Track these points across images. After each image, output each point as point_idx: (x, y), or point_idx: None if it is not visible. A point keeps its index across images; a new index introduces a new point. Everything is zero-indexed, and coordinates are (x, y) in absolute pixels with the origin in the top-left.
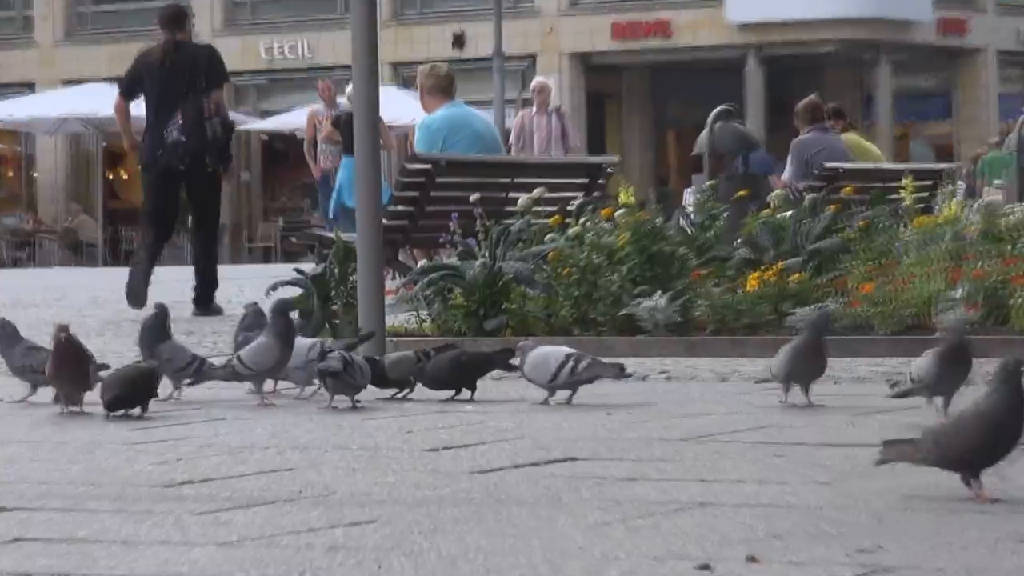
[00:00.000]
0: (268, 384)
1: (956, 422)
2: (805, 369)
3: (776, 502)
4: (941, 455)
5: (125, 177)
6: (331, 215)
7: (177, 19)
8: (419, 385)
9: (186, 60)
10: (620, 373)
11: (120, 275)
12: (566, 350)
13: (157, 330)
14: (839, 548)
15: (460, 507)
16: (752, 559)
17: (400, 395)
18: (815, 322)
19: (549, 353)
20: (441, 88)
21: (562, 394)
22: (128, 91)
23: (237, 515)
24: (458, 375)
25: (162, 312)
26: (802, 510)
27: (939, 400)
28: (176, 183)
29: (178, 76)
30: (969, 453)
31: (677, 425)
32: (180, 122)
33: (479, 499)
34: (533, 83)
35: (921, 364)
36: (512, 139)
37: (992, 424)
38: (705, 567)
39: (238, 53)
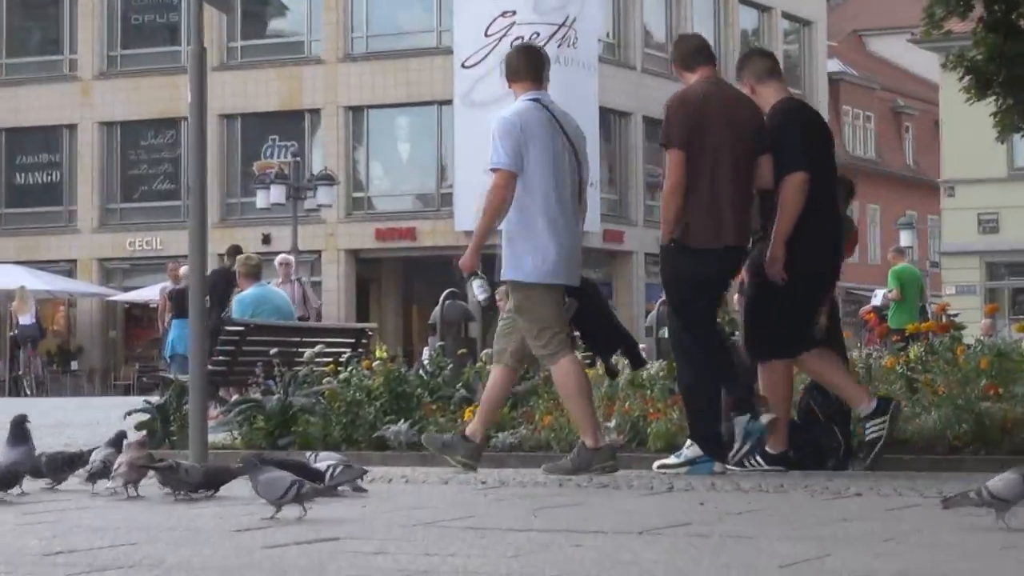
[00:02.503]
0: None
1: None
2: None
3: (478, 569)
4: None
5: None
6: (167, 359)
7: None
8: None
9: None
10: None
11: None
12: (291, 477)
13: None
14: None
15: (254, 571)
16: None
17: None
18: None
19: (278, 477)
20: (252, 273)
21: (289, 510)
22: None
23: None
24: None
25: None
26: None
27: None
28: None
29: None
30: None
31: (411, 515)
32: None
33: (268, 567)
34: (278, 259)
35: (1000, 483)
36: None
37: None
38: None
39: (110, 245)
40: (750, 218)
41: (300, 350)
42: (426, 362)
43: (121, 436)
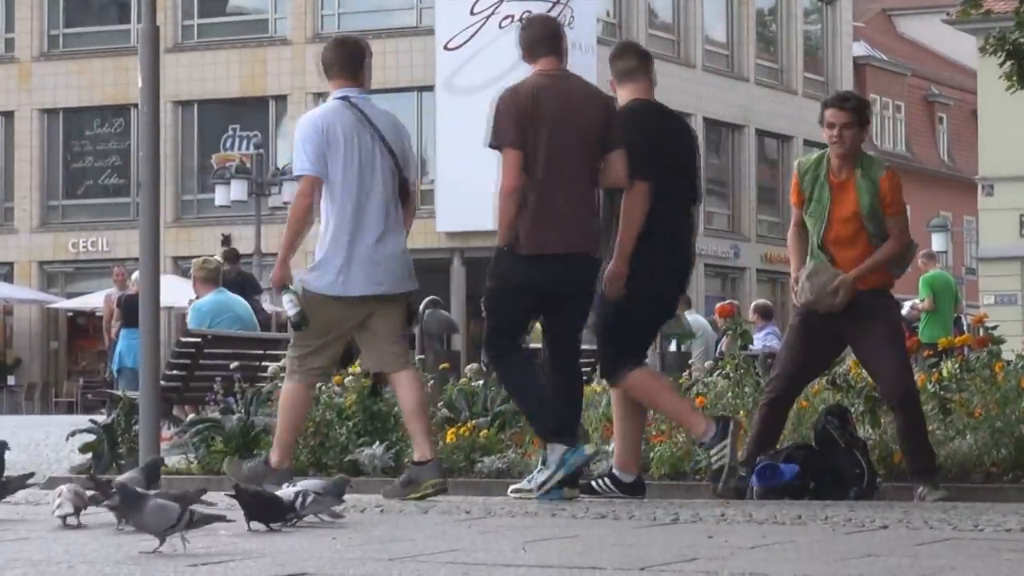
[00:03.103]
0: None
1: None
2: None
3: None
4: None
5: None
6: (115, 373)
7: None
8: None
9: None
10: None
11: None
12: (176, 506)
13: None
14: None
15: None
16: None
17: None
18: None
19: (165, 505)
20: (210, 278)
21: (174, 541)
22: None
23: None
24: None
25: None
26: None
27: None
28: None
29: None
30: None
31: (386, 548)
32: None
33: None
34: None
35: None
36: None
37: None
38: None
39: (51, 246)
40: (593, 223)
41: (263, 364)
42: None
43: None
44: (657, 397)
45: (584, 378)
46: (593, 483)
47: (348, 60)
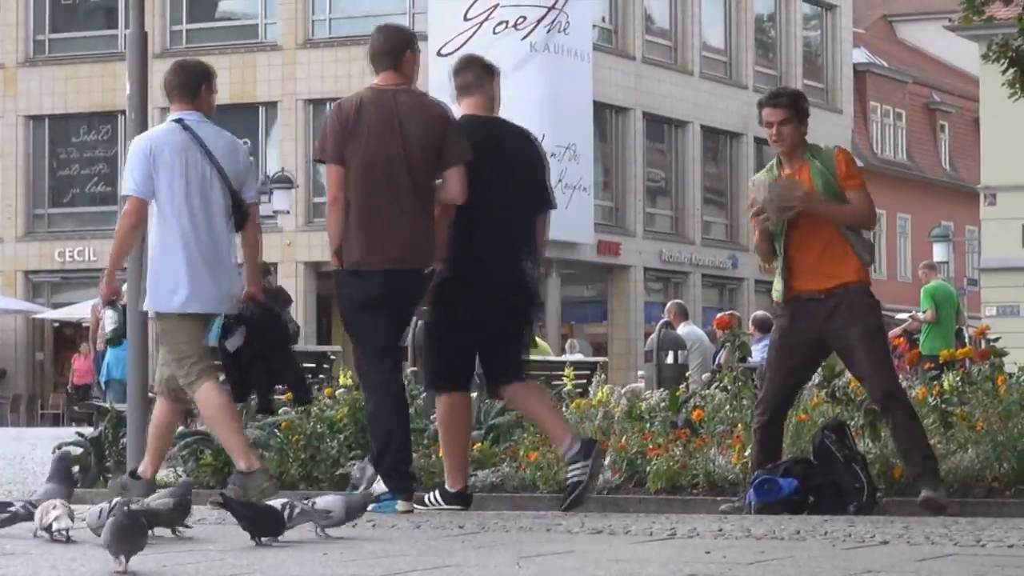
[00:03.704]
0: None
1: None
2: None
3: None
4: None
5: None
6: (102, 385)
7: None
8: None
9: None
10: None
11: None
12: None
13: None
14: None
15: None
16: None
17: None
18: None
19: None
20: None
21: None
22: None
23: None
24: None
25: None
26: None
27: None
28: None
29: None
30: None
31: (378, 564)
32: None
33: None
34: None
35: None
36: None
37: None
38: None
39: (37, 256)
40: (426, 235)
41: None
42: None
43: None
44: (528, 407)
45: (580, 390)
46: (425, 497)
47: (187, 83)
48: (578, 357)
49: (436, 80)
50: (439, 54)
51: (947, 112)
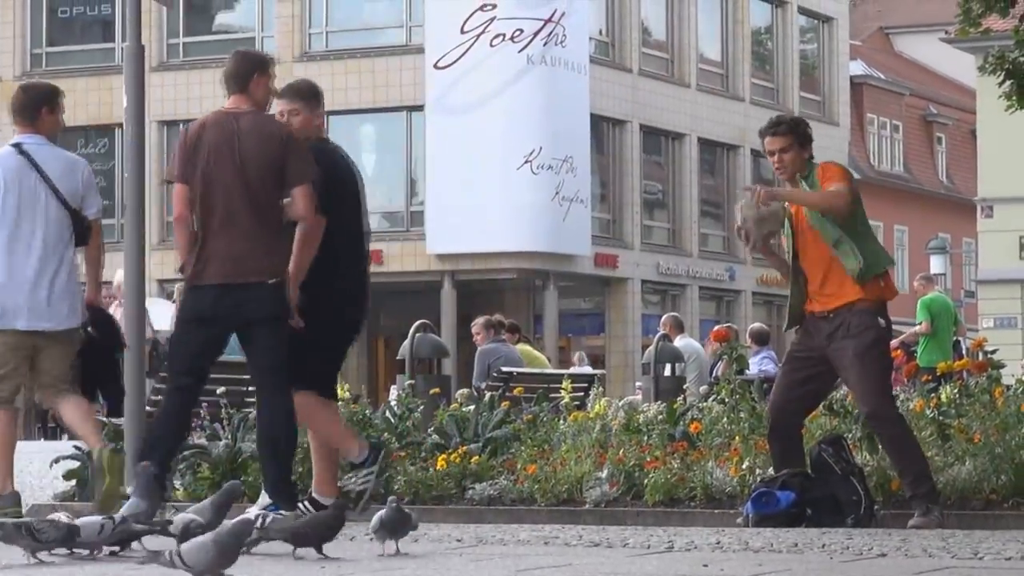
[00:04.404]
0: None
1: None
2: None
3: None
4: None
5: None
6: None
7: None
8: None
9: None
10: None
11: None
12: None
13: None
14: None
15: None
16: None
17: None
18: None
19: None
20: None
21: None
22: None
23: None
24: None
25: None
26: None
27: None
28: None
29: None
30: None
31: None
32: None
33: None
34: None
35: None
36: None
37: None
38: None
39: None
40: (265, 251)
41: (250, 389)
42: (394, 403)
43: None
44: (315, 419)
45: (577, 403)
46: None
47: (27, 107)
48: (587, 370)
49: (433, 93)
50: (436, 67)
51: (944, 124)
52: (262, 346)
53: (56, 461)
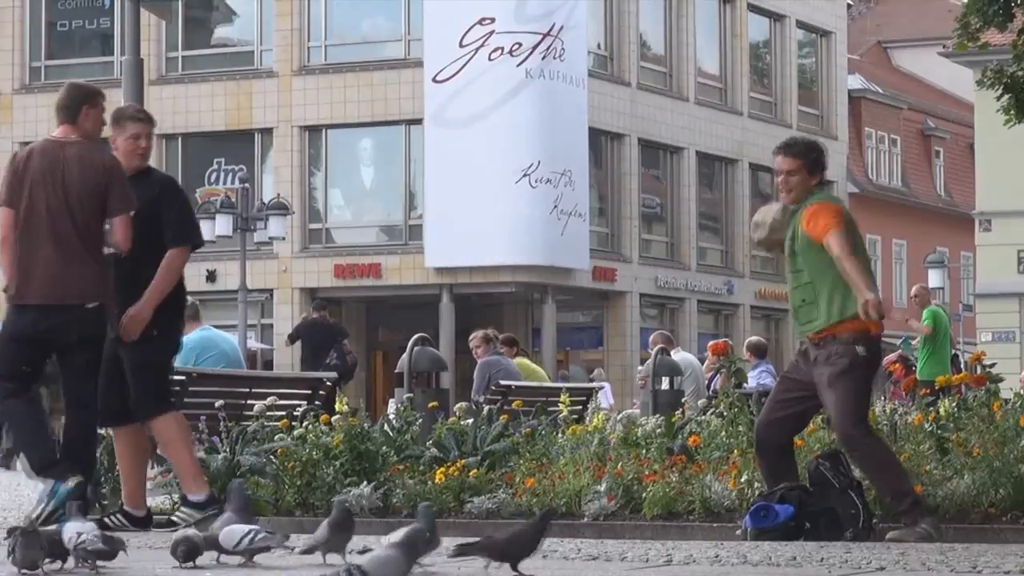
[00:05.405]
0: None
1: None
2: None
3: None
4: None
5: None
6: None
7: None
8: None
9: None
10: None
11: None
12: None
13: None
14: None
15: None
16: None
17: None
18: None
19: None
20: (191, 316)
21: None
22: None
23: None
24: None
25: None
26: None
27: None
28: None
29: None
30: None
31: None
32: None
33: None
34: None
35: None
36: None
37: None
38: None
39: None
40: (86, 275)
41: (249, 402)
42: (392, 416)
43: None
44: (172, 446)
45: (575, 416)
46: (106, 519)
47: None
48: (605, 385)
49: (432, 106)
50: (435, 80)
51: (942, 138)
52: (76, 366)
53: None
